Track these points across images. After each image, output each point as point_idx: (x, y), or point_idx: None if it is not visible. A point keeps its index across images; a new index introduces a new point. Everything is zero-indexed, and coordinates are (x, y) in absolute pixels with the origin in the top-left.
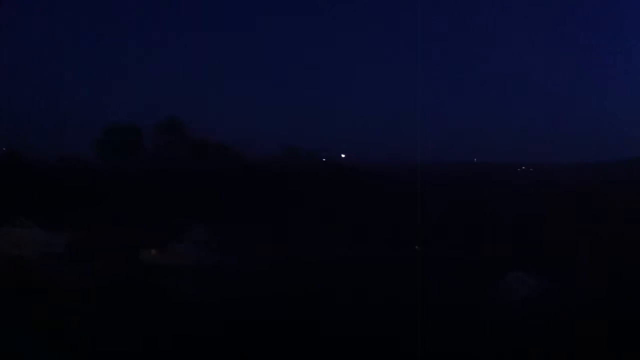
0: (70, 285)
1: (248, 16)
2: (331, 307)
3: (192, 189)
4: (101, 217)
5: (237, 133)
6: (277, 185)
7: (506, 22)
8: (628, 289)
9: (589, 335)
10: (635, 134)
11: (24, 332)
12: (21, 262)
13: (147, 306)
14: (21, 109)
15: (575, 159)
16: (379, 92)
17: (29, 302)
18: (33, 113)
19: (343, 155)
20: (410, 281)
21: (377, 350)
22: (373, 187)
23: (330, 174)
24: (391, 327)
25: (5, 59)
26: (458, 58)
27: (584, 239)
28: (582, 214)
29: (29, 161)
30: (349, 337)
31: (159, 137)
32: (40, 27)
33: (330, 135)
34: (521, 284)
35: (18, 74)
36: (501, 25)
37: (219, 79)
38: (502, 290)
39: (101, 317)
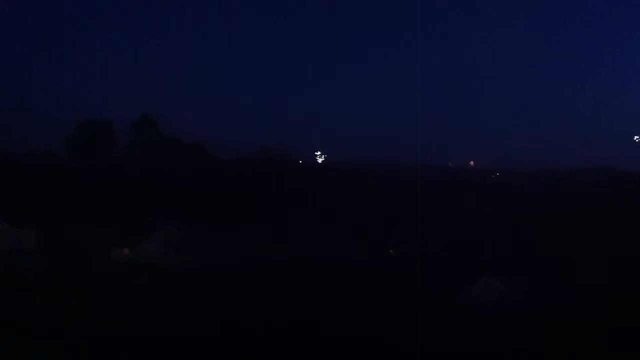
0: (39, 281)
1: (229, 14)
2: (296, 307)
3: (164, 188)
4: (72, 214)
5: (213, 132)
6: (251, 185)
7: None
8: (593, 291)
9: (559, 337)
10: (596, 144)
11: None
12: None
13: (118, 304)
14: None
15: (544, 165)
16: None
17: None
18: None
19: (318, 154)
20: (381, 284)
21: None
22: (345, 187)
23: (304, 174)
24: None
25: None
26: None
27: (551, 243)
28: (548, 219)
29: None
30: (315, 338)
31: (133, 134)
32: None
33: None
34: (492, 289)
35: None
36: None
37: (196, 78)
38: (473, 295)
39: (68, 315)
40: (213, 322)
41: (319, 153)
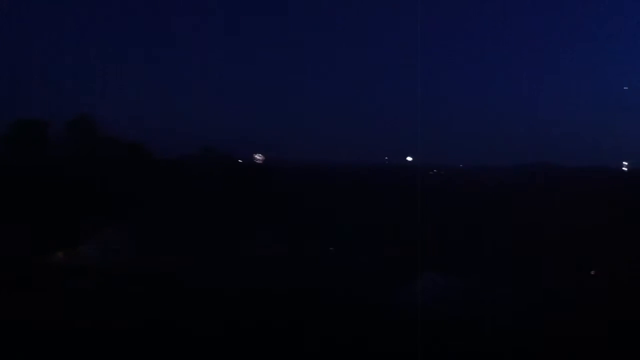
0: None
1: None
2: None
3: (100, 189)
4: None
5: (151, 132)
6: (190, 186)
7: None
8: (531, 288)
9: (502, 334)
10: (543, 141)
11: None
12: None
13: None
14: None
15: (483, 162)
16: None
17: None
18: None
19: (257, 156)
20: (320, 283)
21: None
22: (287, 187)
23: (243, 174)
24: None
25: None
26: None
27: (492, 240)
28: (489, 215)
29: None
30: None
31: (69, 134)
32: None
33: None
34: (432, 284)
35: None
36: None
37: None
38: (413, 290)
39: None
40: (152, 322)
41: (259, 156)
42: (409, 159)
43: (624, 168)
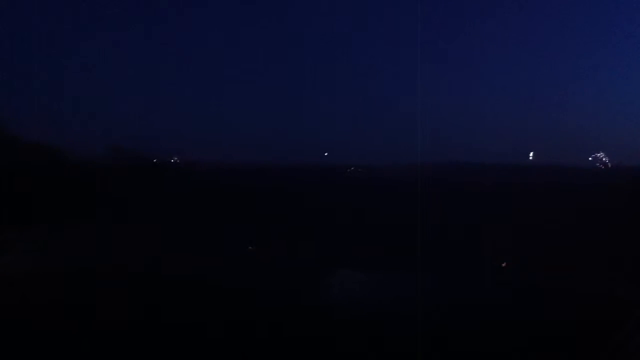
0: None
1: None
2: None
3: (6, 191)
4: None
5: (60, 132)
6: (100, 186)
7: None
8: (452, 283)
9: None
10: (457, 140)
11: None
12: None
13: None
14: None
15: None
16: None
17: None
18: None
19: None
20: (242, 281)
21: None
22: (205, 187)
23: (154, 174)
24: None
25: None
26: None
27: (410, 236)
28: (406, 212)
29: None
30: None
31: None
32: None
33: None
34: (351, 281)
35: None
36: None
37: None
38: (333, 287)
39: None
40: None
41: (175, 158)
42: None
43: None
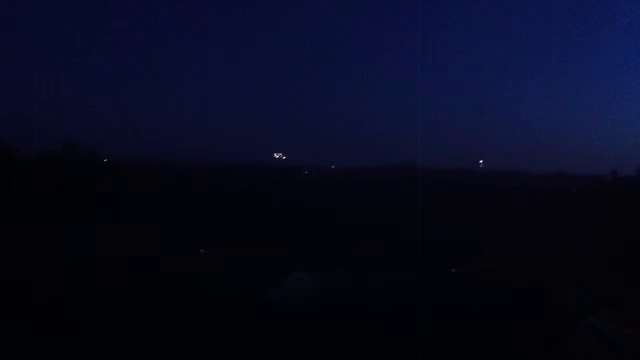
0: None
1: None
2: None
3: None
4: None
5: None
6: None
7: None
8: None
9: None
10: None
11: None
12: None
13: None
14: None
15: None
16: None
17: None
18: None
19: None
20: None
21: None
22: (157, 188)
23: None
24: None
25: None
26: None
27: (359, 238)
28: (356, 214)
29: None
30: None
31: None
32: None
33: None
34: (301, 284)
35: None
36: None
37: None
38: (282, 290)
39: None
40: None
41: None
42: (277, 156)
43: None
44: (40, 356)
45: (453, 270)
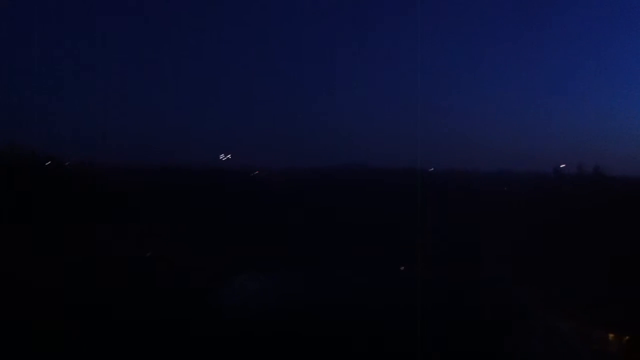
0: None
1: None
2: None
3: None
4: None
5: None
6: None
7: None
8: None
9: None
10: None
11: None
12: None
13: None
14: None
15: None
16: None
17: None
18: None
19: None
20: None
21: None
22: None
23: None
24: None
25: None
26: None
27: (304, 239)
28: (300, 216)
29: None
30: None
31: None
32: None
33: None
34: (248, 284)
35: None
36: None
37: None
38: (231, 290)
39: None
40: None
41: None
42: (223, 157)
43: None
44: None
45: (402, 268)
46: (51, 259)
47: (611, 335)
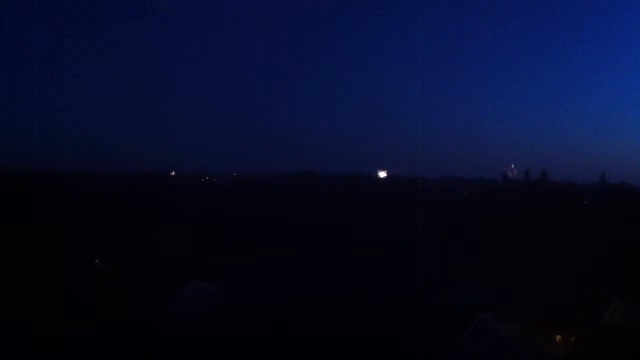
0: None
1: None
2: None
3: None
4: None
5: None
6: None
7: None
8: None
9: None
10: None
11: None
12: None
13: None
14: None
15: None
16: None
17: None
18: None
19: None
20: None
21: None
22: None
23: None
24: None
25: None
26: None
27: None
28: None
29: None
30: None
31: None
32: None
33: None
34: (200, 292)
35: None
36: None
37: None
38: (183, 299)
39: None
40: None
41: None
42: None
43: (381, 175)
44: None
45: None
46: None
47: (558, 337)
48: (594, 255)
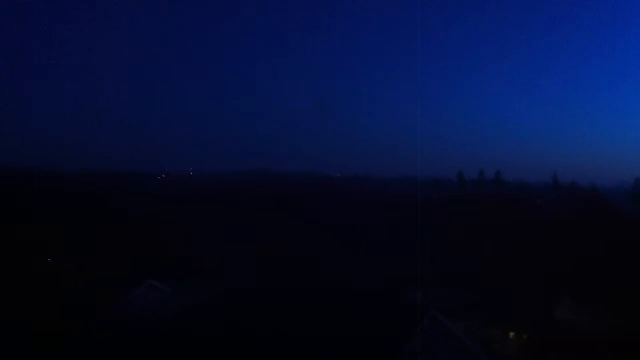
0: None
1: None
2: None
3: None
4: None
5: None
6: None
7: None
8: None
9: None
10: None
11: None
12: None
13: None
14: None
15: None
16: None
17: None
18: None
19: None
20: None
21: None
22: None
23: None
24: None
25: None
26: None
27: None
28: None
29: None
30: None
31: None
32: None
33: None
34: (155, 292)
35: None
36: None
37: None
38: (136, 298)
39: None
40: None
41: None
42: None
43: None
44: None
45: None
46: None
47: (511, 334)
48: (547, 254)
